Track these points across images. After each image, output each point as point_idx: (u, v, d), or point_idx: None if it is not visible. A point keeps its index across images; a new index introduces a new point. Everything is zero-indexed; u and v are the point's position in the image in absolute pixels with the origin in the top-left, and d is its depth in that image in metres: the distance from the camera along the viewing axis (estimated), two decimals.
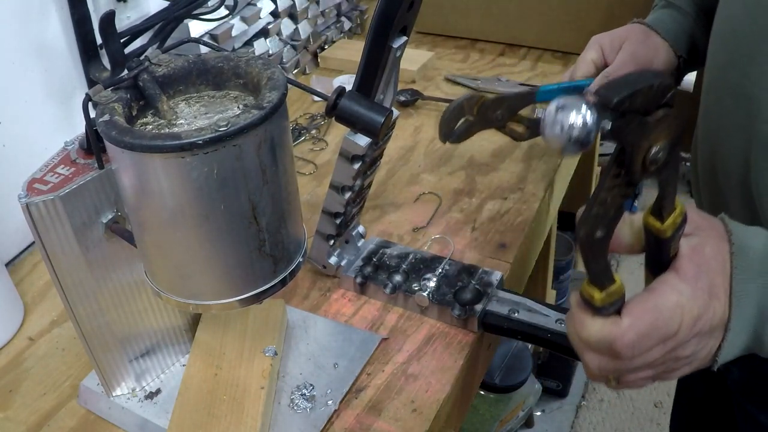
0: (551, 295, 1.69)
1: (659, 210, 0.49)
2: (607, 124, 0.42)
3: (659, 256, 0.52)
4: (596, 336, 0.50)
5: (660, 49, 0.85)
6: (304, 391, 0.66)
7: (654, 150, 0.44)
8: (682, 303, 0.49)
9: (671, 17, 0.88)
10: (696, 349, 0.51)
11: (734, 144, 0.68)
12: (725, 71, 0.69)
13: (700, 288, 0.50)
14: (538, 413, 1.92)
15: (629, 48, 0.83)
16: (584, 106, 0.41)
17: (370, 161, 0.72)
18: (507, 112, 0.89)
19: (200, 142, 0.46)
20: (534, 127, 0.90)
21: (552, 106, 0.42)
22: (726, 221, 0.54)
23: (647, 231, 0.51)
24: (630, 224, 0.53)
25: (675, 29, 0.87)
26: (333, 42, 1.34)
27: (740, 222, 0.71)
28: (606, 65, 0.85)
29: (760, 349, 0.53)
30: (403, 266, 0.77)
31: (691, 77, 1.78)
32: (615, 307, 0.51)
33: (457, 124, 0.90)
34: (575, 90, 0.87)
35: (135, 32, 0.89)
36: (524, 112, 0.90)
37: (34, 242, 0.80)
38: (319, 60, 1.31)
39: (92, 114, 0.52)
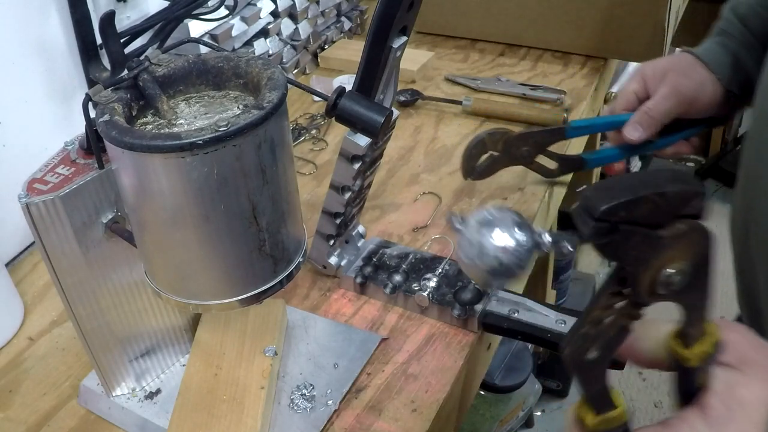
0: (551, 296, 1.69)
1: (684, 335, 0.40)
2: (566, 246, 0.33)
3: (684, 383, 0.42)
4: None
5: (706, 83, 0.78)
6: (304, 391, 0.66)
7: (667, 272, 0.35)
8: None
9: (724, 48, 0.79)
10: None
11: None
12: None
13: None
14: (538, 413, 1.91)
15: (672, 79, 0.77)
16: (514, 224, 0.32)
17: (369, 161, 0.72)
18: (534, 149, 0.83)
19: (200, 142, 0.46)
20: (566, 164, 0.83)
21: (473, 220, 0.33)
22: None
23: (670, 353, 0.41)
24: (655, 334, 0.43)
25: (726, 62, 0.78)
26: (333, 42, 1.34)
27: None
28: (648, 97, 0.79)
29: None
30: (403, 266, 0.77)
31: None
32: None
33: (480, 160, 0.85)
34: (610, 126, 0.80)
35: (135, 32, 0.89)
36: (554, 147, 0.85)
37: (34, 242, 0.80)
38: (319, 60, 1.31)
39: (92, 114, 0.52)
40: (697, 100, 0.77)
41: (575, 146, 1.05)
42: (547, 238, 0.33)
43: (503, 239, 0.32)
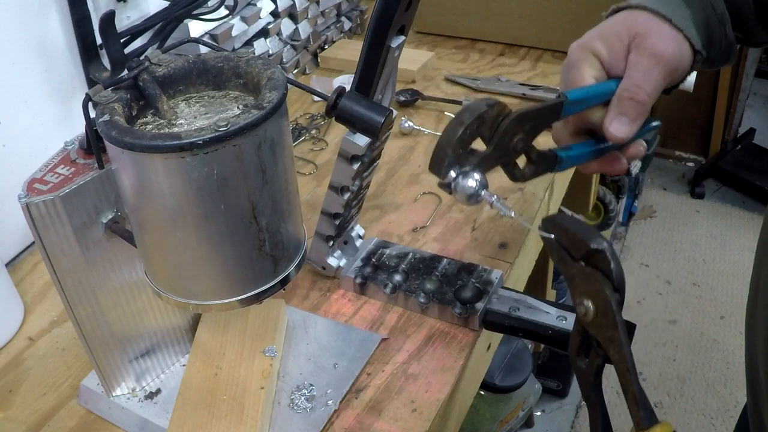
0: (551, 296, 1.69)
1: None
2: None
3: None
4: None
5: (682, 45, 0.58)
6: (304, 391, 0.66)
7: (580, 299, 0.49)
8: None
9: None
10: None
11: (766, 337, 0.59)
12: None
13: None
14: (538, 413, 1.92)
15: (649, 44, 0.57)
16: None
17: (368, 161, 0.72)
18: (529, 137, 0.57)
19: (200, 142, 0.46)
20: (541, 162, 0.60)
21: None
22: None
23: None
24: None
25: (686, 16, 0.59)
26: (333, 42, 1.34)
27: None
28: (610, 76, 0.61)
29: None
30: (403, 266, 0.77)
31: (691, 77, 1.77)
32: None
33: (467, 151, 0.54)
34: (605, 96, 0.60)
35: (135, 32, 0.89)
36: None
37: (34, 242, 0.80)
38: (319, 60, 1.31)
39: (92, 114, 0.52)
40: (677, 69, 0.58)
41: None
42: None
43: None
